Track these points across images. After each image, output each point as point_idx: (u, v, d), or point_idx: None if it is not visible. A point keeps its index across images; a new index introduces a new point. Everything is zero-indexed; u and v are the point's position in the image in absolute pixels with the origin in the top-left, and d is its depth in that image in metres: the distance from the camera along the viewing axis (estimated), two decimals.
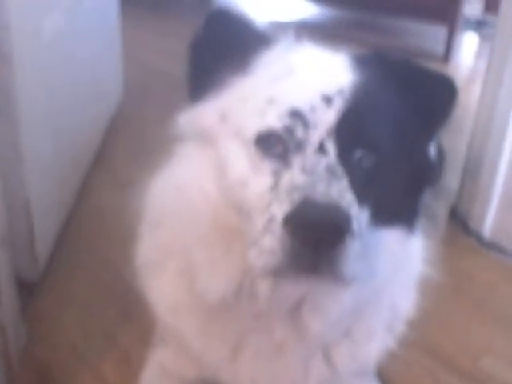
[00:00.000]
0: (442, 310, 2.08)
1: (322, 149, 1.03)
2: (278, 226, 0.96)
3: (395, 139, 1.11)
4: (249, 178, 1.06)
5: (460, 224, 2.68)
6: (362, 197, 1.02)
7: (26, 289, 1.99)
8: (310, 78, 1.11)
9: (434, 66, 1.23)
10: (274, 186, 1.02)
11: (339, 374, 1.31)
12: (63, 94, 2.35)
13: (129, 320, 1.98)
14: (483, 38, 5.48)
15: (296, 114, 1.05)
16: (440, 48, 4.88)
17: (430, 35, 5.26)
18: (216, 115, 1.15)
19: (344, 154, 1.04)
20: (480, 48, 5.45)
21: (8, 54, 1.75)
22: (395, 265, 1.21)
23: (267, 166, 1.05)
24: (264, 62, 1.16)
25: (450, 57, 4.87)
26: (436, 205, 2.72)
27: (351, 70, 1.13)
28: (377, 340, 1.32)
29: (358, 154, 1.06)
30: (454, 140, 3.10)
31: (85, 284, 2.16)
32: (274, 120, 1.06)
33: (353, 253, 0.97)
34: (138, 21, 4.83)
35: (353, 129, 1.06)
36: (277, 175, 1.03)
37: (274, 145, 1.05)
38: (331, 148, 1.03)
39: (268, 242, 0.98)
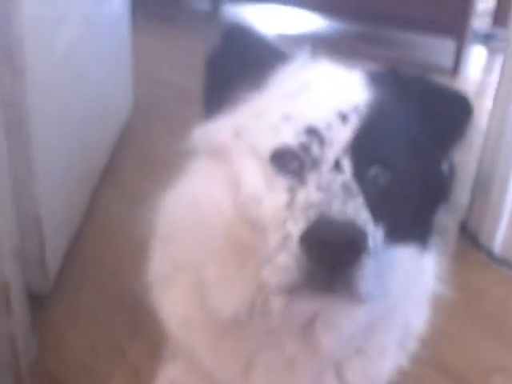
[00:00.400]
0: (452, 327, 2.07)
1: (337, 166, 1.03)
2: (293, 244, 0.96)
3: (410, 156, 1.10)
4: (263, 195, 1.06)
5: (470, 239, 2.67)
6: (377, 214, 1.02)
7: (37, 302, 1.99)
8: (325, 95, 1.11)
9: (443, 80, 1.23)
10: (290, 203, 1.02)
11: None
12: (74, 108, 2.36)
13: (138, 333, 1.98)
14: (492, 52, 5.48)
15: (312, 132, 1.05)
16: (448, 61, 4.88)
17: (439, 48, 5.26)
18: (230, 131, 1.15)
19: (359, 171, 1.03)
20: (489, 61, 5.45)
21: (21, 68, 1.76)
22: (408, 282, 1.20)
23: (282, 183, 1.05)
24: (279, 78, 1.16)
25: (459, 70, 4.86)
26: (446, 220, 2.71)
27: (366, 87, 1.13)
28: (389, 357, 1.31)
29: (374, 171, 1.06)
30: (465, 155, 3.10)
31: (94, 297, 2.16)
32: (289, 137, 1.06)
33: (368, 271, 0.96)
34: (148, 34, 4.85)
35: (368, 146, 1.05)
36: (292, 192, 1.03)
37: (289, 161, 1.05)
38: (347, 165, 1.03)
39: (283, 260, 0.97)
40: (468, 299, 2.25)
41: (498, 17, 5.75)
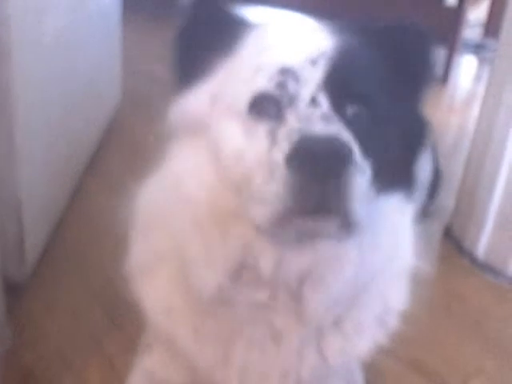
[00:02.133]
0: (433, 329, 2.07)
1: (314, 102, 1.03)
2: (279, 169, 0.95)
3: (383, 96, 1.11)
4: (244, 148, 1.05)
5: (454, 244, 2.67)
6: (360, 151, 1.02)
7: (13, 291, 1.96)
8: (293, 45, 1.12)
9: (432, 88, 1.23)
10: (272, 142, 1.01)
11: (330, 367, 1.29)
12: (60, 96, 2.34)
13: (116, 326, 1.96)
14: (482, 62, 5.52)
15: (286, 71, 1.05)
16: (438, 70, 4.90)
17: None
18: (206, 99, 1.14)
19: (337, 108, 1.03)
20: (478, 71, 5.49)
21: (7, 51, 1.74)
22: (393, 242, 1.20)
23: (262, 129, 1.04)
24: (247, 41, 1.16)
25: (449, 79, 4.89)
26: (431, 223, 2.73)
27: (332, 35, 1.14)
28: (367, 334, 1.30)
29: (351, 109, 1.06)
30: (451, 160, 3.12)
31: (73, 288, 2.13)
32: (264, 82, 1.06)
33: (358, 189, 0.96)
34: (138, 29, 4.84)
35: (341, 83, 1.06)
36: (273, 134, 1.02)
37: (267, 105, 1.05)
38: (323, 101, 1.03)
39: (271, 188, 0.96)
40: (450, 303, 2.26)
41: (490, 28, 5.80)
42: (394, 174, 1.13)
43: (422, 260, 1.32)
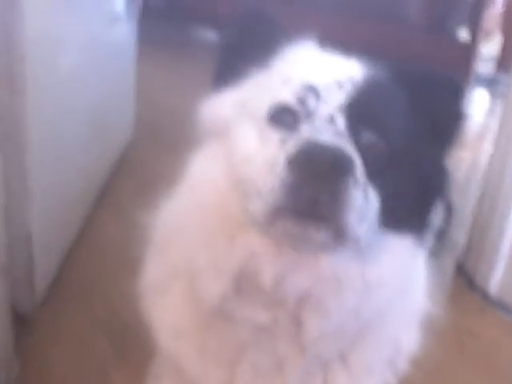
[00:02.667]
0: (445, 367, 2.04)
1: (331, 120, 1.05)
2: (279, 167, 0.97)
3: (404, 134, 1.12)
4: (256, 151, 1.07)
5: (466, 280, 2.65)
6: (369, 181, 1.03)
7: (22, 321, 1.96)
8: (325, 65, 1.16)
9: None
10: (281, 148, 1.03)
11: None
12: (73, 129, 2.36)
13: (123, 358, 1.95)
14: (494, 96, 5.52)
15: (309, 88, 1.08)
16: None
17: None
18: (232, 103, 1.17)
19: (353, 132, 1.05)
20: (491, 105, 5.49)
21: (21, 87, 1.76)
22: (402, 278, 1.18)
23: (275, 137, 1.06)
24: (282, 56, 1.20)
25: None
26: (443, 259, 2.71)
27: (364, 66, 1.16)
28: (376, 374, 1.28)
29: (367, 137, 1.07)
30: (463, 196, 3.11)
31: (81, 319, 2.12)
32: (287, 95, 1.09)
33: (354, 203, 0.96)
34: (151, 60, 4.90)
35: (361, 109, 1.07)
36: (284, 141, 1.04)
37: (285, 116, 1.08)
38: (340, 122, 1.05)
39: (268, 183, 0.98)
40: (462, 340, 2.23)
41: (502, 62, 5.81)
42: (406, 216, 1.13)
43: (435, 302, 1.31)
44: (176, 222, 1.23)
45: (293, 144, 1.00)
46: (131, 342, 1.97)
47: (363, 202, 1.00)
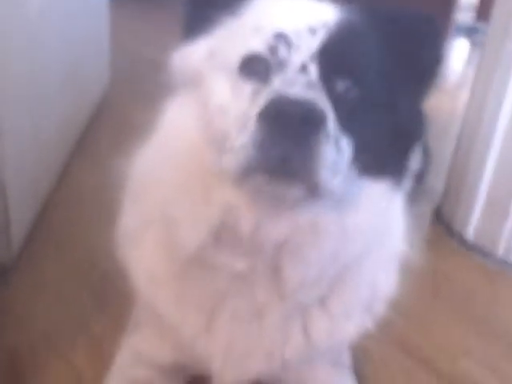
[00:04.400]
0: (421, 311, 2.07)
1: (303, 70, 1.03)
2: (251, 122, 0.96)
3: (379, 79, 1.10)
4: (229, 104, 1.06)
5: (444, 226, 2.67)
6: (343, 128, 1.02)
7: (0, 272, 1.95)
8: (296, 11, 1.13)
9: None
10: (254, 101, 1.01)
11: (316, 350, 1.29)
12: (48, 77, 2.31)
13: (103, 307, 1.94)
14: (474, 45, 5.51)
15: (280, 36, 1.06)
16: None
17: None
18: (204, 53, 1.15)
19: (327, 80, 1.03)
20: (470, 54, 5.47)
21: None
22: (377, 223, 1.18)
23: (248, 88, 1.05)
24: (252, 3, 1.17)
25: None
26: (421, 205, 2.73)
27: (337, 10, 1.14)
28: (354, 318, 1.30)
29: (341, 84, 1.05)
30: (441, 142, 3.11)
31: (60, 270, 2.11)
32: (258, 44, 1.07)
33: (326, 157, 0.96)
34: (125, 9, 4.80)
35: (335, 56, 1.06)
36: (256, 94, 1.03)
37: (256, 66, 1.06)
38: (313, 70, 1.03)
39: (242, 140, 0.97)
40: (438, 284, 2.26)
41: (482, 12, 5.78)
42: (383, 161, 1.12)
43: (412, 246, 1.31)
44: (149, 171, 1.22)
45: (263, 98, 0.98)
46: (110, 292, 1.96)
47: (336, 155, 0.99)
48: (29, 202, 2.20)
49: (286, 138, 0.93)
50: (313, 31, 1.06)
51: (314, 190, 0.99)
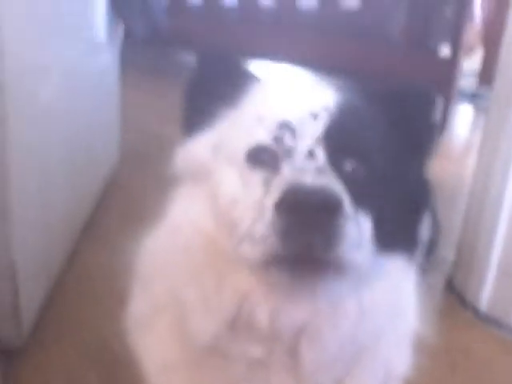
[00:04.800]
0: None
1: (311, 155, 1.05)
2: (268, 213, 0.97)
3: (384, 155, 1.12)
4: (240, 194, 1.07)
5: (456, 297, 2.64)
6: (357, 205, 1.03)
7: (8, 356, 1.93)
8: (296, 99, 1.16)
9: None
10: (266, 190, 1.03)
11: None
12: (57, 158, 2.35)
13: None
14: (478, 111, 5.56)
15: (284, 125, 1.08)
16: (438, 127, 4.92)
17: None
18: (209, 148, 1.18)
19: (334, 163, 1.05)
20: (475, 120, 5.53)
21: (2, 115, 1.75)
22: (395, 303, 1.18)
23: (257, 178, 1.07)
24: (251, 94, 1.20)
25: (446, 128, 4.92)
26: (432, 276, 2.70)
27: (335, 91, 1.17)
28: None
29: (349, 165, 1.07)
30: (450, 211, 3.10)
31: (70, 353, 2.09)
32: (262, 135, 1.09)
33: (349, 237, 0.96)
34: (137, 87, 4.90)
35: (340, 138, 1.08)
36: (268, 183, 1.04)
37: (264, 156, 1.08)
38: (320, 155, 1.05)
39: (259, 229, 0.98)
40: (454, 357, 2.21)
41: (484, 76, 5.87)
42: (395, 235, 1.13)
43: (426, 320, 1.30)
44: (159, 256, 1.22)
45: (277, 187, 0.99)
46: (121, 375, 1.94)
47: (356, 231, 0.99)
48: (39, 283, 2.19)
49: (306, 225, 0.94)
50: (315, 116, 1.10)
51: (339, 270, 0.99)
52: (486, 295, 2.52)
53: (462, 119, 5.52)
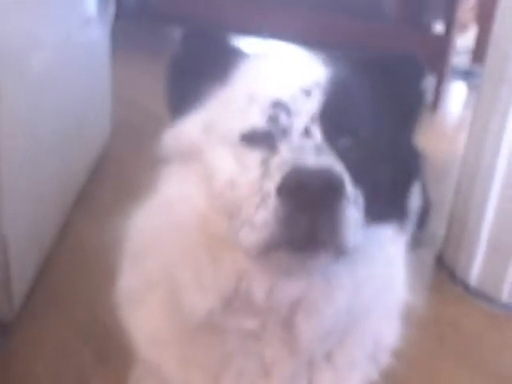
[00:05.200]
0: (426, 358, 2.05)
1: (307, 133, 1.04)
2: (270, 198, 0.95)
3: (376, 127, 1.11)
4: (237, 176, 1.05)
5: (447, 271, 2.66)
6: (353, 182, 1.02)
7: (1, 329, 1.94)
8: (287, 76, 1.13)
9: (423, 115, 1.23)
10: (264, 172, 1.01)
11: None
12: (48, 130, 2.34)
13: (104, 363, 1.93)
14: (471, 88, 5.55)
15: (278, 104, 1.06)
16: (428, 96, 4.92)
17: None
18: (199, 128, 1.15)
19: (330, 140, 1.04)
20: (468, 97, 5.52)
21: None
22: (390, 270, 1.19)
23: (254, 159, 1.05)
24: (241, 72, 1.18)
25: (439, 105, 4.92)
26: (423, 251, 2.72)
27: (326, 66, 1.15)
28: (359, 369, 1.28)
29: (344, 142, 1.06)
30: (441, 187, 3.11)
31: (61, 325, 2.10)
32: (256, 116, 1.07)
33: (350, 220, 0.95)
34: (127, 61, 4.86)
35: (335, 115, 1.07)
36: (265, 163, 1.02)
37: (260, 137, 1.06)
38: (317, 133, 1.04)
39: (261, 216, 0.96)
40: (443, 331, 2.24)
41: (478, 54, 5.85)
42: (387, 206, 1.13)
43: (415, 294, 1.30)
44: (150, 232, 1.22)
45: (277, 169, 0.98)
46: (112, 347, 1.95)
47: (357, 211, 0.99)
48: (30, 257, 2.19)
49: (310, 210, 0.92)
50: (308, 93, 1.08)
51: (340, 252, 0.98)
52: (475, 270, 2.54)
53: (456, 97, 5.50)
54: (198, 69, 1.17)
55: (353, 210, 0.97)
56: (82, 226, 2.71)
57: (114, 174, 3.22)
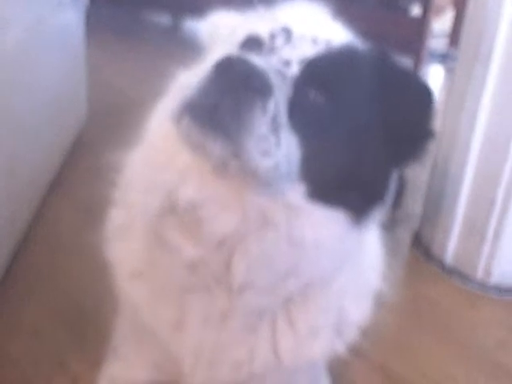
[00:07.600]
0: (403, 336, 2.07)
1: (286, 64, 1.05)
2: (207, 69, 0.98)
3: (366, 110, 1.10)
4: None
5: (423, 250, 2.68)
6: (296, 130, 1.02)
7: None
8: (308, 20, 1.16)
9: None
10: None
11: (285, 368, 1.28)
12: (22, 110, 2.30)
13: (80, 345, 1.92)
14: (448, 71, 5.59)
15: (285, 29, 1.09)
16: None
17: None
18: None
19: (301, 85, 1.04)
20: (445, 80, 5.55)
21: None
22: (344, 252, 1.17)
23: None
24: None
25: None
26: (399, 230, 2.74)
27: (345, 34, 1.19)
28: (321, 339, 1.29)
29: (314, 94, 1.05)
30: (417, 165, 3.13)
31: (37, 309, 2.08)
32: (262, 27, 1.11)
33: (255, 129, 0.95)
34: (104, 45, 4.82)
35: (322, 71, 1.07)
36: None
37: (254, 47, 1.10)
38: (294, 68, 1.05)
39: (193, 83, 0.99)
40: (419, 309, 2.26)
41: (455, 37, 5.87)
42: (336, 192, 1.09)
43: (392, 272, 1.31)
44: (136, 166, 1.23)
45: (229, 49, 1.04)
46: (88, 329, 1.95)
47: (270, 137, 0.97)
48: (4, 239, 2.17)
49: (225, 91, 0.95)
50: (315, 42, 1.09)
51: (238, 156, 0.97)
52: (451, 249, 2.57)
53: (433, 79, 5.53)
54: None
55: (265, 127, 0.96)
56: (57, 210, 2.68)
57: (89, 157, 3.19)
